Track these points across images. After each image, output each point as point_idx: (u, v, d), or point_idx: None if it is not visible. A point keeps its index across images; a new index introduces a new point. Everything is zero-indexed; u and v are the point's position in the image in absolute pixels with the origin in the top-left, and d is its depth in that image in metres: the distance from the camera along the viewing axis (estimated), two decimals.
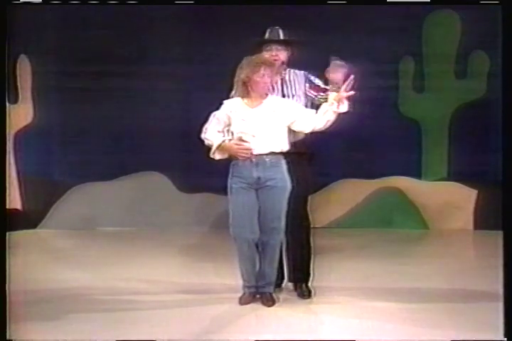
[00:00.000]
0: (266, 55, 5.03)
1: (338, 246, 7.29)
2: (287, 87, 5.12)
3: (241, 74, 4.84)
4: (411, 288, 5.43)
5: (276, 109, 4.87)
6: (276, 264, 4.98)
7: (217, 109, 4.97)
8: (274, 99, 4.94)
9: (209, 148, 4.96)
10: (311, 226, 5.22)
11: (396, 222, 8.30)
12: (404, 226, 8.24)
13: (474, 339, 4.09)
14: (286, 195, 4.86)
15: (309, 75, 5.17)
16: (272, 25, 5.20)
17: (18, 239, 7.69)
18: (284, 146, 4.88)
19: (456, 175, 8.35)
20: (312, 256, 5.23)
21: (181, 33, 8.19)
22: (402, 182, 8.41)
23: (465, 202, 8.33)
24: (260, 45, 5.10)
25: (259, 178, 4.82)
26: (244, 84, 4.84)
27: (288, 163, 4.89)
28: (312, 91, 5.11)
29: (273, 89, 5.02)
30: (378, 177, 8.37)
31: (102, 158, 8.33)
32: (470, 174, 8.21)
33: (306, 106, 5.07)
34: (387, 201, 8.36)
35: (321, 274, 5.38)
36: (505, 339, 3.72)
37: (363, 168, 8.36)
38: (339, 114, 4.82)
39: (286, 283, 5.29)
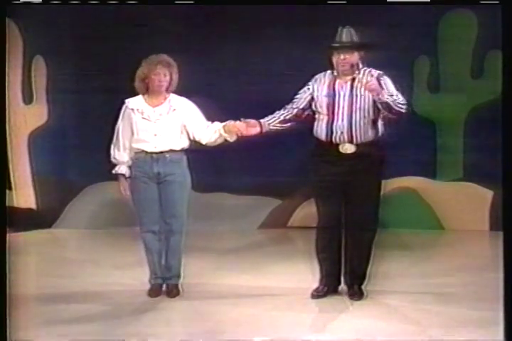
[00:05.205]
0: (334, 58, 4.98)
1: None
2: (356, 87, 4.99)
3: (140, 72, 5.10)
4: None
5: (177, 107, 5.09)
6: (181, 256, 5.15)
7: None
8: (175, 98, 5.13)
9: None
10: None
11: (410, 222, 8.25)
12: (418, 226, 8.20)
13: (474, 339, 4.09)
14: (187, 188, 5.15)
15: (383, 77, 5.03)
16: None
17: (32, 238, 7.73)
18: (185, 144, 5.10)
19: (471, 176, 8.30)
20: (371, 260, 5.13)
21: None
22: (417, 183, 8.36)
23: (481, 202, 8.27)
24: (331, 48, 5.02)
25: (159, 173, 5.04)
26: (143, 81, 5.10)
27: (352, 165, 5.06)
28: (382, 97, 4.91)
29: (333, 89, 4.99)
30: (393, 177, 8.31)
31: None
32: (485, 174, 8.14)
33: (375, 109, 4.99)
34: (402, 201, 8.32)
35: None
36: (505, 339, 3.70)
37: None
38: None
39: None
